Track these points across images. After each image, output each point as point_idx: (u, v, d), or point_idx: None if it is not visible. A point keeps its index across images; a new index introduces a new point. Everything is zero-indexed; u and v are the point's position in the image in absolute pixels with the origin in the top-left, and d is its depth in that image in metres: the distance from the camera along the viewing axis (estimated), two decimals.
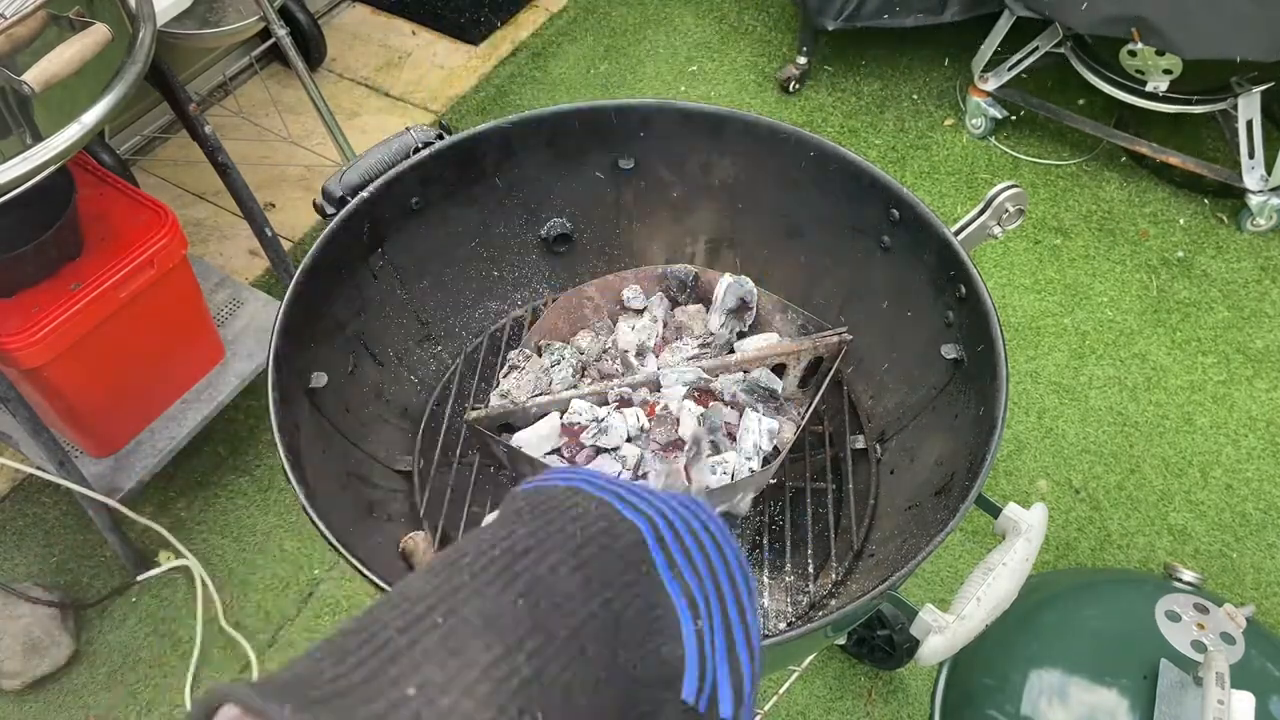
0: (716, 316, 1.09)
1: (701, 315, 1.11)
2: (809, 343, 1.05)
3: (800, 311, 1.10)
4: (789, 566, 1.00)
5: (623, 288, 1.12)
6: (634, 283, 1.13)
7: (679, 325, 1.11)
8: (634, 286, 1.12)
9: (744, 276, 1.09)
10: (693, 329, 1.10)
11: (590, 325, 1.12)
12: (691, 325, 1.10)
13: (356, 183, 0.98)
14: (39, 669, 1.61)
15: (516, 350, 1.08)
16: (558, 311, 1.11)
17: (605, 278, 1.13)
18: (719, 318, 1.09)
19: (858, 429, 1.09)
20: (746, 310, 1.10)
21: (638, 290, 1.12)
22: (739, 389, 1.02)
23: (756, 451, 0.97)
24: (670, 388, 1.02)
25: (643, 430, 1.00)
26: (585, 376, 1.06)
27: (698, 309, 1.11)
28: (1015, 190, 0.96)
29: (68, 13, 1.35)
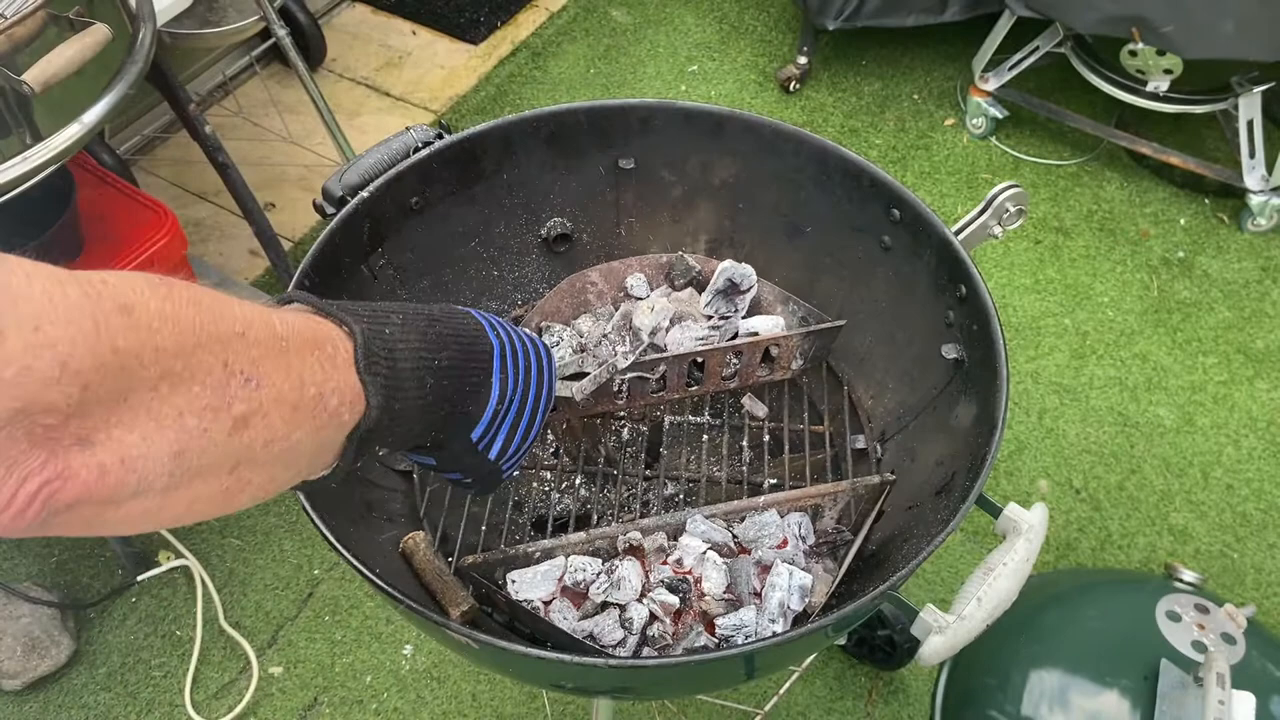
0: (706, 296, 1.10)
1: (695, 299, 1.11)
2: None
3: (801, 303, 1.11)
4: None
5: (626, 274, 1.13)
6: (638, 270, 1.13)
7: (680, 312, 1.11)
8: (638, 273, 1.13)
9: (746, 265, 1.09)
10: (692, 314, 1.10)
11: (592, 309, 1.12)
12: (690, 310, 1.11)
13: (356, 182, 0.98)
14: (39, 669, 1.61)
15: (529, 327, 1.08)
16: (560, 294, 1.12)
17: (609, 264, 1.13)
18: (708, 297, 1.09)
19: (858, 429, 1.09)
20: (737, 293, 1.09)
21: (641, 277, 1.13)
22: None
23: (783, 612, 0.89)
24: (691, 539, 0.94)
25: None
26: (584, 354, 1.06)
27: (690, 293, 1.12)
28: (1016, 190, 0.96)
29: (68, 13, 1.35)
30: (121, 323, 0.39)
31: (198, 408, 0.42)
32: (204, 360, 0.42)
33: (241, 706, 1.62)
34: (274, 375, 0.46)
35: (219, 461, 0.44)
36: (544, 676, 0.94)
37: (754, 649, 0.77)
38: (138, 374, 0.40)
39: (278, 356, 0.46)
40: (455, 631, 0.75)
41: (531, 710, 1.64)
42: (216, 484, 0.45)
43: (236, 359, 0.44)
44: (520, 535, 1.07)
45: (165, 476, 0.42)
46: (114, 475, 0.40)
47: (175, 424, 0.41)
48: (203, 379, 0.42)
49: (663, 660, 0.85)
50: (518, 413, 0.66)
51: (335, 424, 0.51)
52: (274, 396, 0.46)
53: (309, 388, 0.48)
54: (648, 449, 1.13)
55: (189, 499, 0.45)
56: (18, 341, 0.35)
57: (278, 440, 0.47)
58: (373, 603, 1.74)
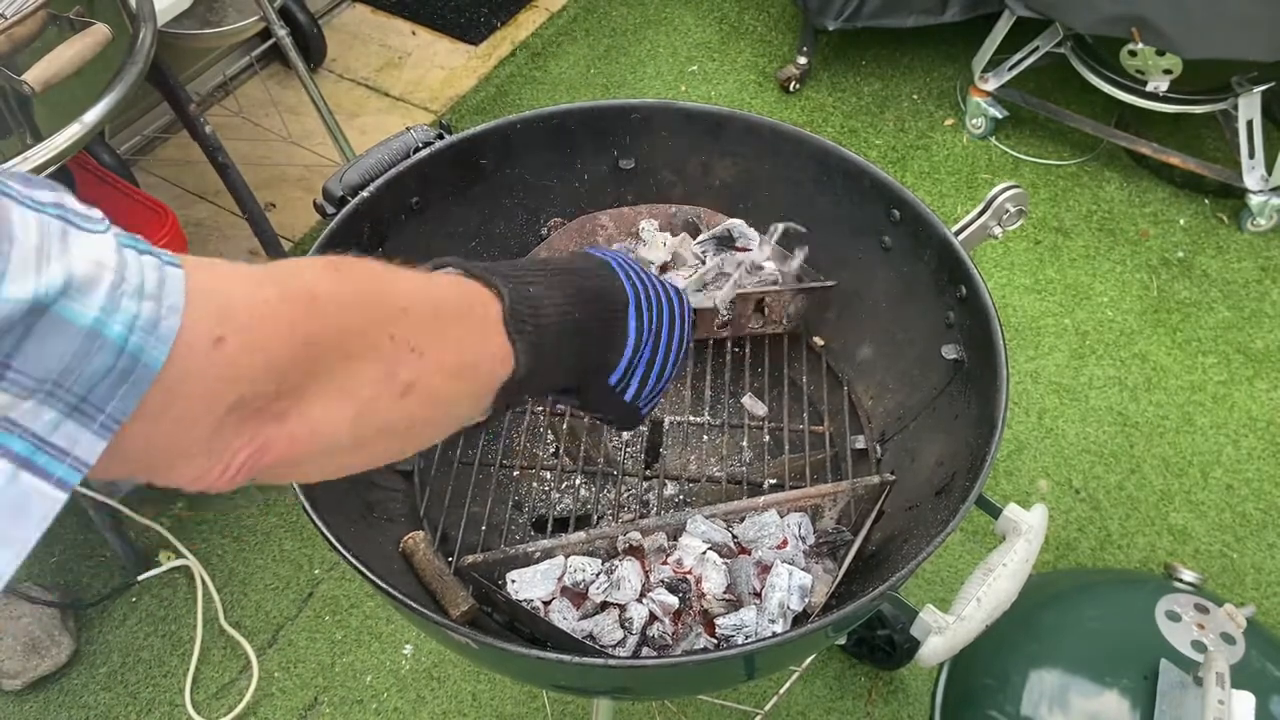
0: (702, 237, 1.12)
1: (688, 243, 1.13)
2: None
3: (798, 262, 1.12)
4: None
5: (637, 220, 1.15)
6: (648, 216, 1.15)
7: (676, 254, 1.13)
8: (649, 220, 1.15)
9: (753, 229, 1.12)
10: (686, 259, 1.12)
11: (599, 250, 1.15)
12: (685, 256, 1.12)
13: (357, 182, 0.98)
14: (39, 669, 1.61)
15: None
16: (570, 233, 1.13)
17: (620, 209, 1.15)
18: (704, 237, 1.12)
19: (858, 429, 1.09)
20: (732, 245, 1.11)
21: (652, 223, 1.15)
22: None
23: (783, 613, 0.89)
24: (691, 539, 0.94)
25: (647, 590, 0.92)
26: None
27: (683, 237, 1.13)
28: (1016, 190, 0.96)
29: (68, 13, 1.35)
30: (309, 314, 0.45)
31: (371, 379, 0.48)
32: (375, 337, 0.48)
33: (241, 706, 1.62)
34: (434, 344, 0.51)
35: (391, 423, 0.50)
36: (544, 676, 0.94)
37: (754, 649, 0.77)
38: (323, 357, 0.45)
39: (436, 327, 0.52)
40: (455, 631, 0.75)
41: (531, 710, 1.64)
42: (391, 438, 0.52)
43: (402, 331, 0.49)
44: (520, 535, 1.07)
45: (347, 438, 0.48)
46: (304, 442, 0.46)
47: (353, 394, 0.47)
48: (374, 354, 0.48)
49: (662, 660, 0.85)
50: (650, 359, 0.70)
51: (488, 381, 0.56)
52: (435, 363, 0.51)
53: (465, 353, 0.54)
54: (647, 449, 1.13)
55: (369, 453, 0.51)
56: (235, 345, 0.41)
57: (440, 402, 0.53)
58: (373, 603, 1.74)
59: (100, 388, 0.37)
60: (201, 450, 0.42)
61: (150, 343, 0.38)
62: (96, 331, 0.36)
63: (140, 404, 0.38)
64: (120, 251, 0.38)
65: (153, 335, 0.38)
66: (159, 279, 0.39)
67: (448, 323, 0.54)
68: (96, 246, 0.37)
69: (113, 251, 0.37)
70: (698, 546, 0.93)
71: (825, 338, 1.14)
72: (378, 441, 0.51)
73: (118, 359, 0.37)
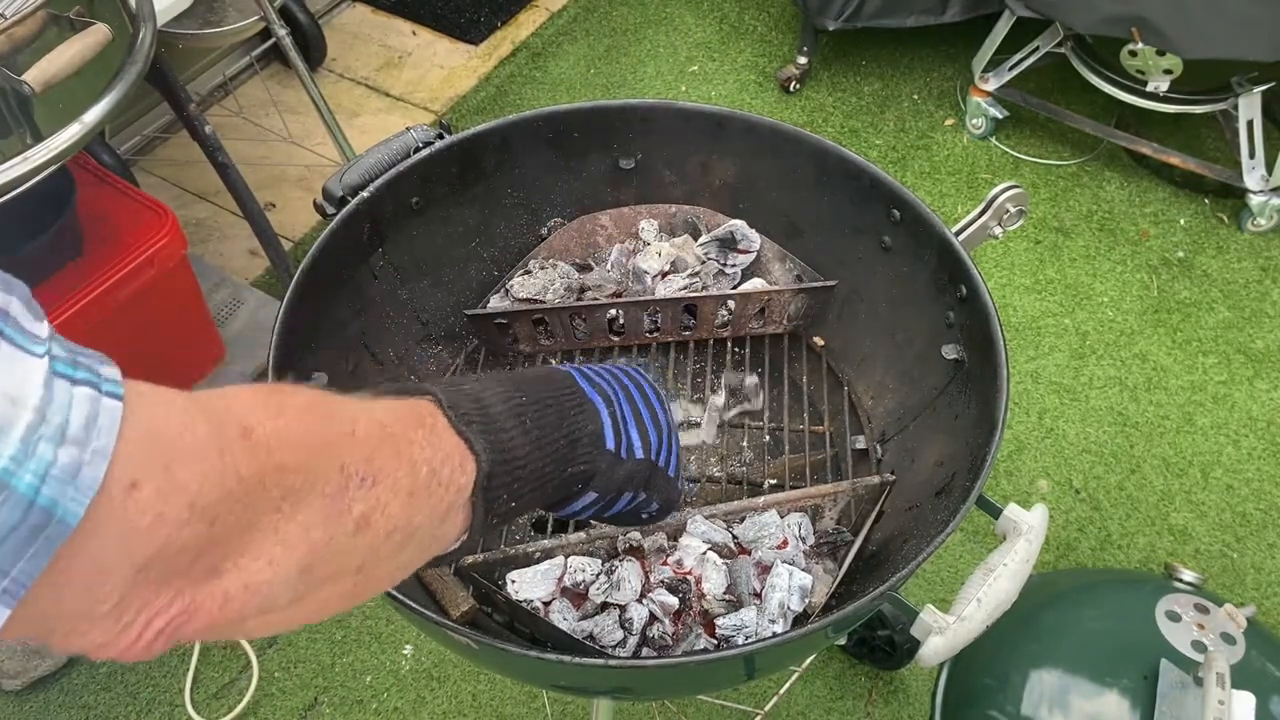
0: (705, 238, 1.12)
1: (690, 245, 1.13)
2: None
3: (797, 262, 1.12)
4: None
5: (637, 220, 1.15)
6: (648, 216, 1.15)
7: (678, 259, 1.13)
8: (649, 220, 1.15)
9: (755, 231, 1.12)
10: (687, 261, 1.12)
11: (600, 251, 1.15)
12: (686, 258, 1.12)
13: (357, 182, 0.98)
14: (39, 669, 1.61)
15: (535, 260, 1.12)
16: (570, 233, 1.14)
17: (620, 209, 1.15)
18: (706, 238, 1.12)
19: (858, 429, 1.09)
20: (734, 248, 1.11)
21: (653, 224, 1.15)
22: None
23: (783, 613, 0.89)
24: (691, 539, 0.94)
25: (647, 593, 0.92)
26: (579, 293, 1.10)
27: (685, 239, 1.13)
28: (1016, 190, 0.96)
29: (68, 13, 1.35)
30: (243, 448, 0.39)
31: (320, 519, 0.42)
32: (321, 469, 0.42)
33: (241, 706, 1.62)
34: (387, 466, 0.45)
35: (344, 565, 0.44)
36: (544, 677, 0.94)
37: (754, 649, 0.77)
38: (261, 498, 0.39)
39: (387, 446, 0.46)
40: (456, 632, 0.75)
41: (531, 710, 1.64)
42: (343, 585, 0.45)
43: (351, 460, 0.43)
44: (520, 535, 1.07)
45: (290, 592, 0.42)
46: (237, 601, 0.39)
47: (300, 539, 0.41)
48: (322, 489, 0.42)
49: (662, 661, 0.85)
50: (633, 410, 0.66)
51: (453, 491, 0.50)
52: (390, 487, 0.45)
53: (421, 467, 0.48)
54: None
55: (316, 605, 0.44)
56: (150, 488, 0.35)
57: (399, 529, 0.46)
58: (373, 603, 1.74)
59: (4, 548, 0.32)
60: (108, 614, 0.36)
61: (67, 494, 0.33)
62: (4, 483, 0.31)
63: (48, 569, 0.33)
64: (49, 384, 0.33)
65: (70, 485, 0.33)
66: (88, 417, 0.33)
67: (399, 440, 0.47)
68: (20, 374, 0.32)
69: (39, 384, 0.32)
70: (698, 547, 0.93)
71: (825, 338, 1.14)
72: (330, 586, 0.44)
73: (26, 514, 0.32)
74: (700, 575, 0.92)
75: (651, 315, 1.10)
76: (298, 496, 0.41)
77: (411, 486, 0.47)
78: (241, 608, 0.40)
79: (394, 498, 0.45)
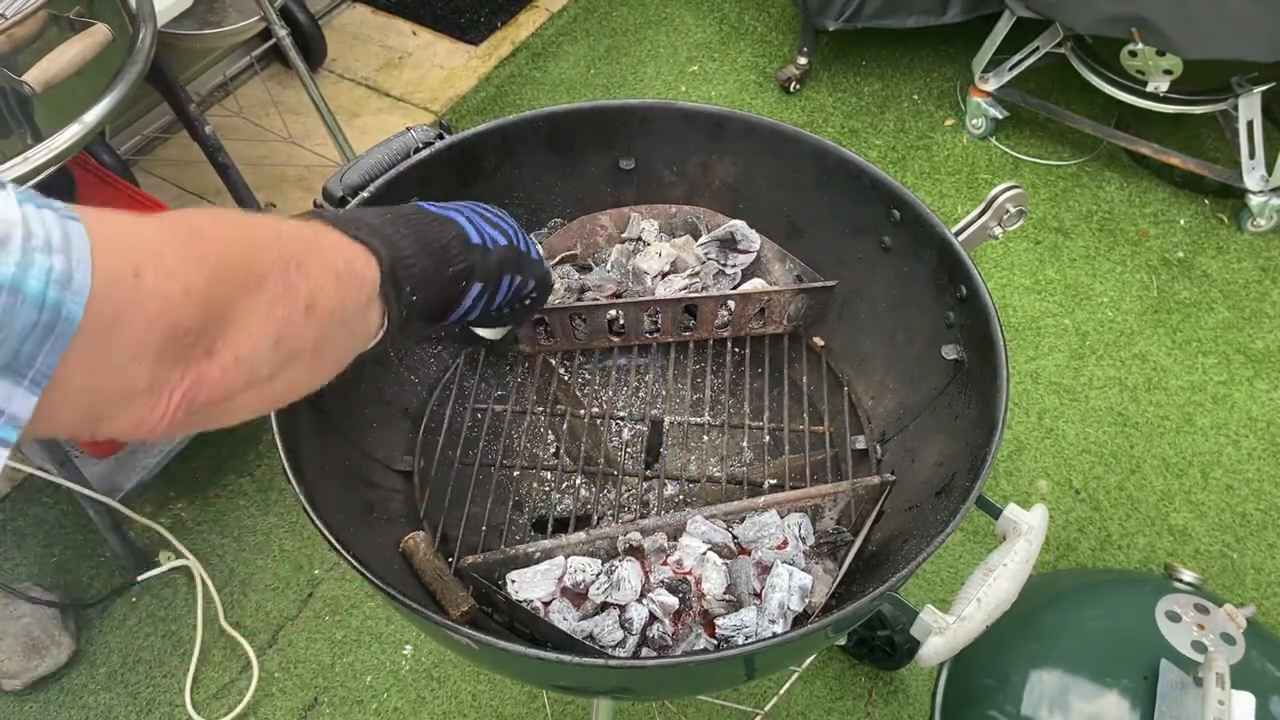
0: (705, 238, 1.12)
1: (691, 245, 1.13)
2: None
3: (797, 262, 1.12)
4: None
5: (637, 220, 1.15)
6: (648, 217, 1.15)
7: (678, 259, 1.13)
8: (650, 220, 1.15)
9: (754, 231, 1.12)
10: (688, 263, 1.12)
11: (600, 251, 1.15)
12: (686, 258, 1.12)
13: (357, 183, 0.98)
14: (39, 669, 1.61)
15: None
16: (570, 233, 1.14)
17: (620, 209, 1.15)
18: (706, 238, 1.12)
19: (858, 429, 1.09)
20: (734, 248, 1.11)
21: (653, 223, 1.15)
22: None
23: (783, 613, 0.89)
24: (691, 539, 0.94)
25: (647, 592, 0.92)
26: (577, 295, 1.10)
27: (685, 239, 1.13)
28: (1016, 191, 0.96)
29: (68, 13, 1.35)
30: (205, 246, 0.46)
31: (279, 296, 0.50)
32: (268, 257, 0.50)
33: (242, 706, 1.62)
34: (313, 258, 0.54)
35: (303, 343, 0.52)
36: (543, 676, 0.94)
37: (754, 649, 0.77)
38: (233, 282, 0.47)
39: (308, 245, 0.55)
40: (455, 632, 0.75)
41: (531, 710, 1.64)
42: (304, 365, 0.54)
43: (287, 251, 0.52)
44: (520, 535, 1.07)
45: (268, 365, 0.50)
46: (232, 373, 0.47)
47: (268, 316, 0.49)
48: (273, 274, 0.50)
49: (662, 661, 0.85)
50: (482, 216, 0.76)
51: (367, 283, 0.60)
52: (321, 275, 0.54)
53: (338, 260, 0.57)
54: (648, 449, 1.13)
55: (286, 383, 0.53)
56: (152, 276, 0.42)
57: (336, 310, 0.55)
58: (373, 603, 1.74)
59: (27, 344, 0.38)
60: (143, 389, 0.43)
61: (68, 297, 0.38)
62: (16, 288, 0.37)
63: (76, 358, 0.39)
64: (21, 207, 0.38)
65: (68, 289, 0.38)
66: (63, 233, 0.39)
67: (313, 241, 0.56)
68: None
69: (14, 207, 0.38)
70: (698, 547, 0.93)
71: (825, 338, 1.14)
72: (293, 368, 0.53)
73: (40, 314, 0.37)
74: (700, 575, 0.92)
75: (652, 316, 1.10)
76: (257, 281, 0.48)
77: (336, 273, 0.56)
78: (235, 378, 0.47)
79: (327, 282, 0.54)
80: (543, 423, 1.14)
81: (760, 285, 1.12)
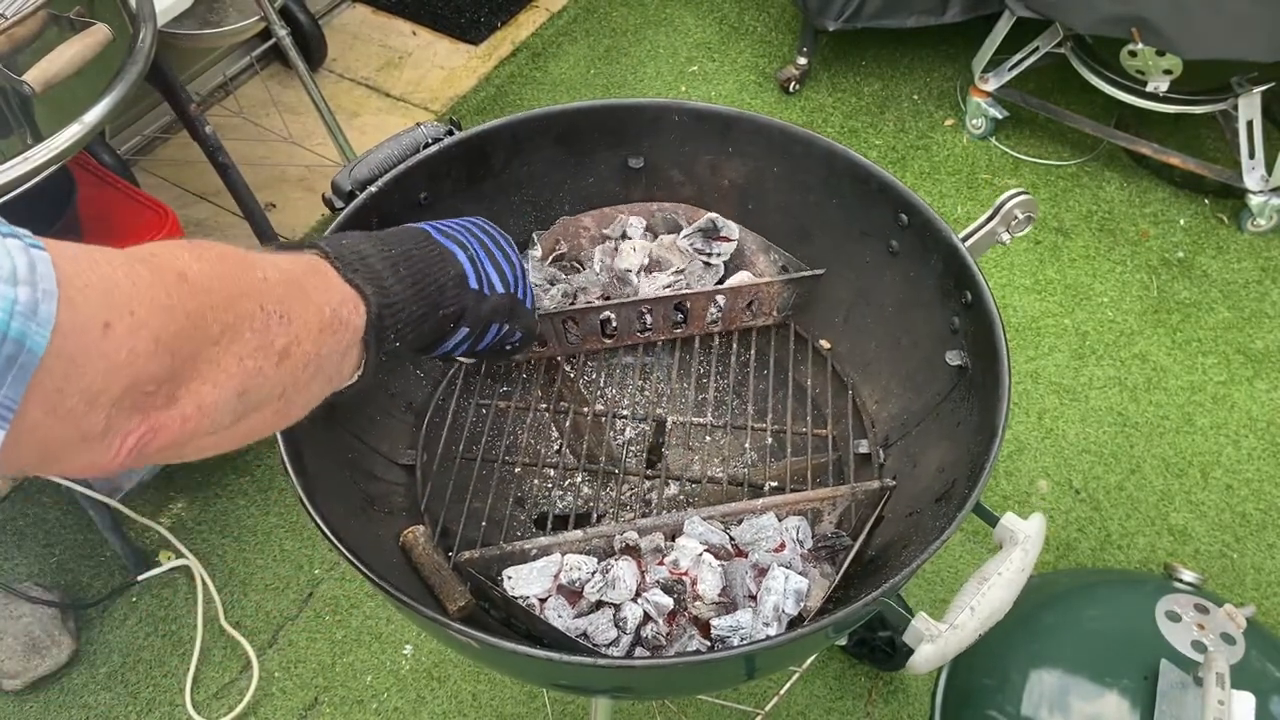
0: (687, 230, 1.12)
1: (675, 243, 1.13)
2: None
3: (782, 253, 1.12)
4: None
5: (618, 219, 1.15)
6: (628, 215, 1.15)
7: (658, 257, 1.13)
8: (634, 219, 1.15)
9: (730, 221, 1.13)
10: (671, 260, 1.12)
11: (585, 253, 1.15)
12: (670, 257, 1.12)
13: (366, 177, 0.98)
14: (39, 669, 1.61)
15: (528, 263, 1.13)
16: (553, 236, 1.14)
17: (602, 210, 1.15)
18: (689, 230, 1.12)
19: (861, 433, 1.09)
20: (717, 235, 1.11)
21: (638, 222, 1.15)
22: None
23: (777, 616, 0.88)
24: (688, 540, 0.94)
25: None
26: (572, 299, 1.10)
27: (673, 238, 1.13)
28: (1025, 197, 0.96)
29: (68, 13, 1.35)
30: (183, 290, 0.46)
31: (251, 349, 0.49)
32: (246, 308, 0.49)
33: (242, 706, 1.62)
34: (297, 306, 0.53)
35: (271, 392, 0.52)
36: (542, 675, 0.95)
37: (755, 649, 0.77)
38: (205, 332, 0.46)
39: (295, 290, 0.54)
40: (456, 631, 0.75)
41: (531, 710, 1.64)
42: (270, 409, 0.53)
43: (268, 300, 0.51)
44: (521, 532, 1.07)
45: (231, 415, 0.49)
46: (193, 421, 0.46)
47: (237, 368, 0.48)
48: (249, 324, 0.49)
49: (652, 661, 0.85)
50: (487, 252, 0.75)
51: (350, 330, 0.59)
52: (303, 324, 0.53)
53: (324, 308, 0.56)
54: (650, 448, 1.13)
55: (248, 428, 0.52)
56: (121, 327, 0.41)
57: (311, 360, 0.54)
58: (373, 602, 1.74)
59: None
60: (97, 434, 0.43)
61: (32, 328, 0.37)
62: None
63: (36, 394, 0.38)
64: None
65: (33, 321, 0.37)
66: (29, 262, 0.38)
67: (305, 285, 0.56)
68: None
69: None
70: (694, 548, 0.93)
71: (831, 341, 1.14)
72: (257, 414, 0.52)
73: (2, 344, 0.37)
74: (696, 577, 0.92)
75: (641, 316, 1.10)
76: (232, 330, 0.48)
77: (320, 323, 0.55)
78: (195, 427, 0.47)
79: (306, 333, 0.53)
80: (546, 419, 1.14)
81: (748, 278, 1.12)
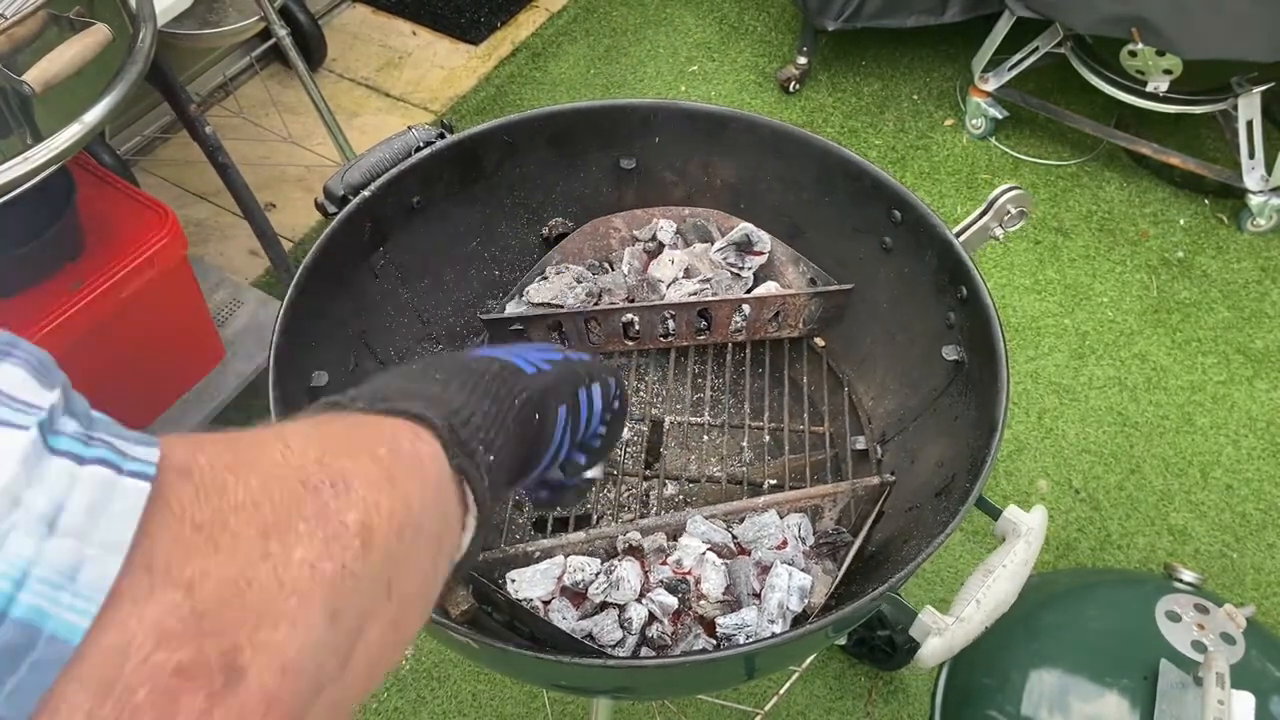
0: (720, 243, 1.12)
1: (707, 253, 1.13)
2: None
3: (811, 265, 1.12)
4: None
5: (651, 221, 1.16)
6: (662, 218, 1.16)
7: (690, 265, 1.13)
8: (664, 221, 1.15)
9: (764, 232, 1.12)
10: (700, 268, 1.12)
11: (614, 254, 1.15)
12: (699, 265, 1.12)
13: (358, 182, 0.98)
14: None
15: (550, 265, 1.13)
16: (583, 236, 1.14)
17: (633, 211, 1.15)
18: (722, 244, 1.12)
19: (858, 430, 1.09)
20: (750, 250, 1.11)
21: (668, 225, 1.15)
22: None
23: (782, 613, 0.89)
24: (691, 539, 0.94)
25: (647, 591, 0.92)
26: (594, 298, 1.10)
27: (704, 247, 1.13)
28: (1018, 192, 0.96)
29: (68, 13, 1.35)
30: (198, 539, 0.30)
31: (320, 545, 0.32)
32: (283, 492, 0.33)
33: None
34: (345, 463, 0.36)
35: (373, 592, 0.35)
36: (543, 676, 0.95)
37: (754, 649, 0.77)
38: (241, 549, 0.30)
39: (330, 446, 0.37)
40: (456, 632, 0.75)
41: (531, 710, 1.64)
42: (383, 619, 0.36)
43: (307, 472, 0.35)
44: (521, 534, 1.07)
45: (331, 653, 0.32)
46: (285, 691, 0.30)
47: (312, 580, 0.31)
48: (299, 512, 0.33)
49: (660, 660, 0.85)
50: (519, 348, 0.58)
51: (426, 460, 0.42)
52: (365, 482, 0.36)
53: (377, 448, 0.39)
54: (648, 448, 1.13)
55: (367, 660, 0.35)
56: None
57: (404, 523, 0.37)
58: None
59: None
60: None
61: (62, 601, 0.24)
62: None
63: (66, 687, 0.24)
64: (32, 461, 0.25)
65: (64, 591, 0.25)
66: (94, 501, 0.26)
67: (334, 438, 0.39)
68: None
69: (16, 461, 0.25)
70: (697, 547, 0.93)
71: (826, 338, 1.14)
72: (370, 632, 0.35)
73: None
74: (699, 575, 0.92)
75: (664, 320, 1.10)
76: (281, 531, 0.31)
77: (384, 471, 0.37)
78: (291, 698, 0.30)
79: (377, 490, 0.36)
80: None
81: (775, 289, 1.12)
